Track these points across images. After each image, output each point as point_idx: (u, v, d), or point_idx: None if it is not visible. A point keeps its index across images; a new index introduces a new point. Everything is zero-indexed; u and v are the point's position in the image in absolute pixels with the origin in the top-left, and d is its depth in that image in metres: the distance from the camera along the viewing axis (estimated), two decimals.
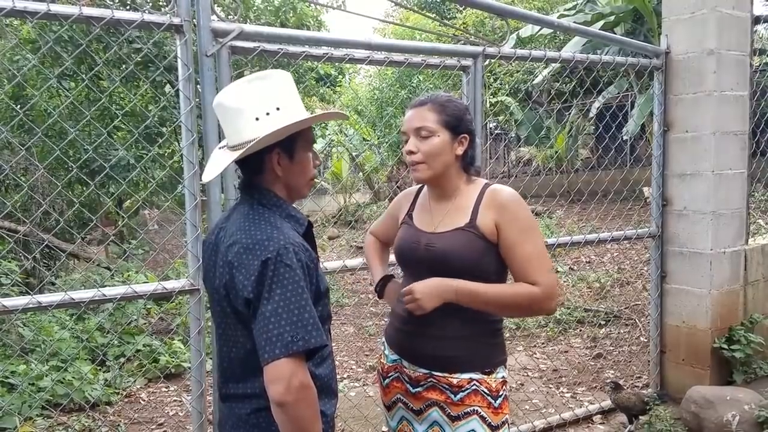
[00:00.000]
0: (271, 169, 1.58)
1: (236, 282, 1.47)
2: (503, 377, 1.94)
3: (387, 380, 2.07)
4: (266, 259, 1.43)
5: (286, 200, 1.62)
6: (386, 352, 2.09)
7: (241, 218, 1.55)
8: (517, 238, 1.84)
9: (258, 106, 1.53)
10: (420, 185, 2.11)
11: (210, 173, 1.63)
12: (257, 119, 1.52)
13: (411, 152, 1.91)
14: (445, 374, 1.90)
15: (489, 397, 1.89)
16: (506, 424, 1.93)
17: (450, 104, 1.92)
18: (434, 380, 1.92)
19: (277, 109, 1.53)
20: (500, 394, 1.91)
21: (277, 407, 1.41)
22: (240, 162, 1.60)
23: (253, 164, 1.59)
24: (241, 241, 1.48)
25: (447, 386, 1.90)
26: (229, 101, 1.55)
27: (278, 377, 1.39)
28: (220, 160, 1.61)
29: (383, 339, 2.13)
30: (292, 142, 1.58)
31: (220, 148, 1.66)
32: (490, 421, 1.89)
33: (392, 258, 2.34)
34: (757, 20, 4.30)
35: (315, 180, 1.71)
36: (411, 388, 1.98)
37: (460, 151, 1.93)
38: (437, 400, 1.91)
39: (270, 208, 1.57)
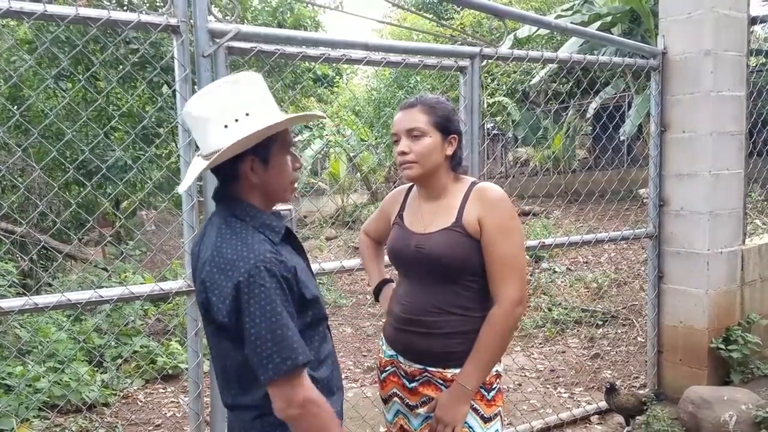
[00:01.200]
0: (246, 177, 1.53)
1: (211, 304, 1.47)
2: (497, 371, 1.98)
3: (384, 374, 2.12)
4: (238, 282, 1.40)
5: (262, 208, 1.57)
6: (383, 347, 2.13)
7: (214, 233, 1.52)
8: (495, 237, 1.87)
9: (226, 113, 1.47)
10: (409, 185, 2.15)
11: (185, 184, 1.59)
12: (226, 126, 1.47)
13: (403, 153, 1.94)
14: (440, 369, 1.94)
15: (482, 390, 1.93)
16: (498, 416, 1.98)
17: (439, 106, 1.95)
18: (429, 375, 1.96)
19: (246, 114, 1.48)
20: (494, 386, 1.96)
21: (288, 422, 1.46)
22: (215, 171, 1.56)
23: (227, 173, 1.54)
24: (213, 260, 1.46)
25: (441, 381, 1.94)
26: (196, 110, 1.51)
27: (278, 397, 1.43)
28: (194, 170, 1.56)
29: (382, 336, 2.16)
30: (266, 147, 1.52)
31: (197, 156, 1.61)
32: (482, 413, 1.93)
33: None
34: (753, 21, 4.30)
35: (296, 184, 1.65)
36: (407, 383, 2.02)
37: (449, 151, 1.97)
38: (432, 397, 1.95)
39: (243, 220, 1.52)
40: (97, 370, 4.80)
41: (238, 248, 1.45)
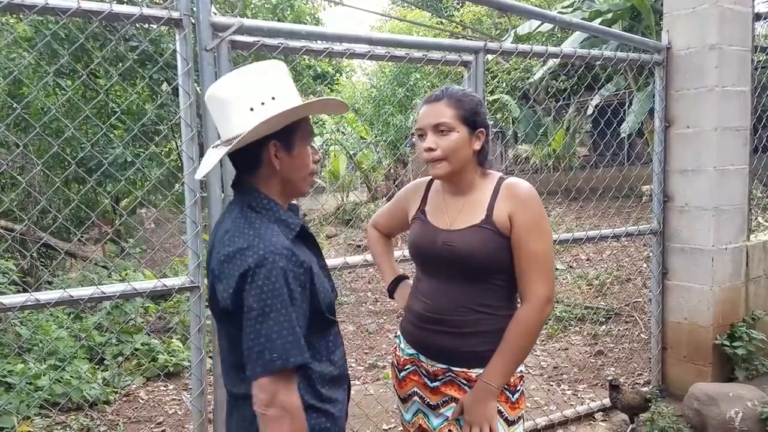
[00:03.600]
0: (269, 163, 1.51)
1: (217, 291, 1.45)
2: (521, 372, 1.93)
3: (403, 373, 2.06)
4: (244, 271, 1.38)
5: (278, 201, 1.54)
6: (402, 345, 2.07)
7: (229, 223, 1.51)
8: (527, 234, 1.83)
9: (252, 96, 1.46)
10: (429, 178, 2.08)
11: (203, 170, 1.57)
12: (251, 110, 1.45)
13: (431, 149, 1.87)
14: (464, 369, 1.89)
15: (507, 392, 1.89)
16: (522, 420, 1.93)
17: (466, 98, 1.89)
18: (453, 375, 1.91)
19: (273, 98, 1.46)
20: (518, 389, 1.91)
21: (260, 419, 1.42)
22: (235, 158, 1.53)
23: (249, 159, 1.52)
24: (225, 250, 1.44)
25: (465, 381, 1.89)
26: (221, 92, 1.50)
27: (259, 394, 1.39)
28: (213, 156, 1.54)
29: (398, 332, 2.12)
30: (290, 134, 1.51)
31: (214, 146, 1.59)
32: (507, 415, 1.88)
33: (398, 253, 2.32)
34: (757, 17, 4.28)
35: (315, 176, 1.63)
36: (429, 383, 1.97)
37: (477, 146, 1.91)
38: (455, 397, 1.91)
39: (259, 212, 1.50)
40: (98, 368, 4.78)
41: (249, 238, 1.43)
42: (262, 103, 1.46)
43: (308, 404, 1.51)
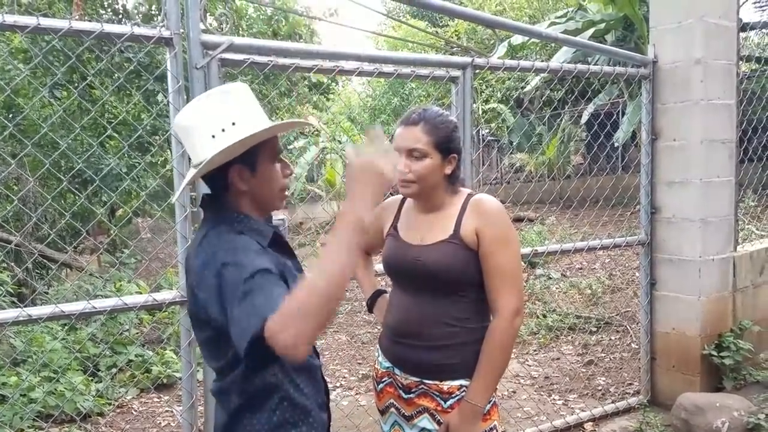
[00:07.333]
0: (234, 185, 1.55)
1: (199, 301, 1.46)
2: None
3: (381, 385, 2.11)
4: (218, 271, 1.40)
5: (251, 215, 1.58)
6: (380, 358, 2.13)
7: (204, 241, 1.53)
8: (493, 248, 1.88)
9: (213, 123, 1.51)
10: (402, 196, 2.14)
11: (177, 193, 1.62)
12: (213, 136, 1.50)
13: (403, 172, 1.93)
14: (436, 381, 1.93)
15: None
16: (494, 430, 1.96)
17: (442, 125, 1.94)
18: (425, 387, 1.96)
19: (233, 124, 1.51)
20: (490, 400, 1.94)
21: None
22: (206, 179, 1.59)
23: (217, 181, 1.57)
24: (199, 259, 1.48)
25: (437, 393, 1.94)
26: (185, 120, 1.55)
27: (275, 334, 1.20)
28: (186, 178, 1.60)
29: (378, 347, 2.16)
30: (253, 155, 1.54)
31: (192, 166, 1.63)
32: None
33: (379, 267, 2.38)
34: (743, 28, 4.34)
35: (286, 191, 1.66)
36: (403, 394, 2.02)
37: (448, 170, 1.97)
38: (427, 407, 1.96)
39: (231, 225, 1.54)
40: (91, 380, 4.79)
41: (221, 243, 1.46)
42: (223, 130, 1.50)
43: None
